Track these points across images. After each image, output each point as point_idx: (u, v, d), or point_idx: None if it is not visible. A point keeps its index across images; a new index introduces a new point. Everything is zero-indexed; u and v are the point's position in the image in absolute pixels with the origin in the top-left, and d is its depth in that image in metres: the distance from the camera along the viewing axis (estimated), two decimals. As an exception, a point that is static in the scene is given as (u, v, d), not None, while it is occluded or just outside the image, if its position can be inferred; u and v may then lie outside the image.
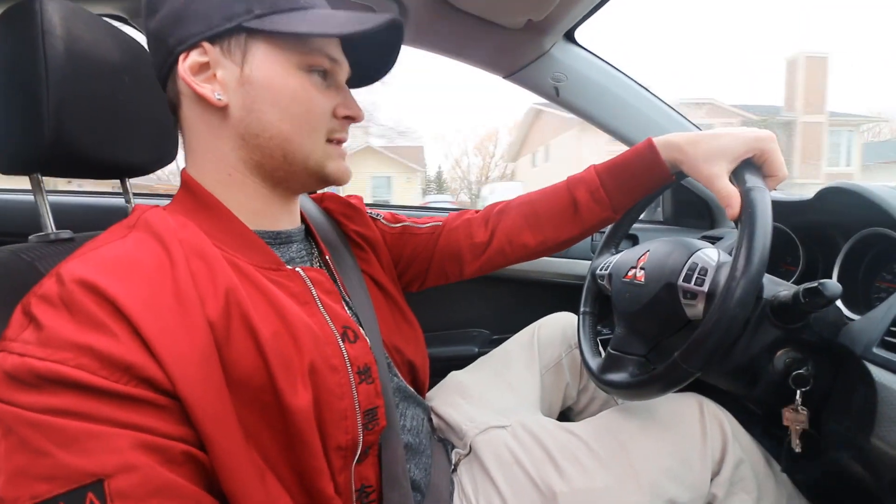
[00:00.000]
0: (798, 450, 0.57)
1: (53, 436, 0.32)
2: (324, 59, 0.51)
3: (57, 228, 0.60)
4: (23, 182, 0.61)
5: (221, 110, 0.48)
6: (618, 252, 0.80)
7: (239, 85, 0.48)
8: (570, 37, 1.01)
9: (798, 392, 0.55)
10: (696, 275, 0.58)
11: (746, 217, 0.53)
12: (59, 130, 0.52)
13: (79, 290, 0.36)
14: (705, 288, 0.56)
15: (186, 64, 0.47)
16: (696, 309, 0.58)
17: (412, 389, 0.67)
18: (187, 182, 0.51)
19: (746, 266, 0.49)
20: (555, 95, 1.06)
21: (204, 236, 0.46)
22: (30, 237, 0.58)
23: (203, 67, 0.48)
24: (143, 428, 0.34)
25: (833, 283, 0.49)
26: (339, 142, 0.55)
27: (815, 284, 0.50)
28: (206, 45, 0.47)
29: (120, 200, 0.75)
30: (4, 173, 0.58)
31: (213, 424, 0.38)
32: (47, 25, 0.52)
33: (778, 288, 0.57)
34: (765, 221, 0.51)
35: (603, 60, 1.06)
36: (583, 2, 0.86)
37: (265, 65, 0.48)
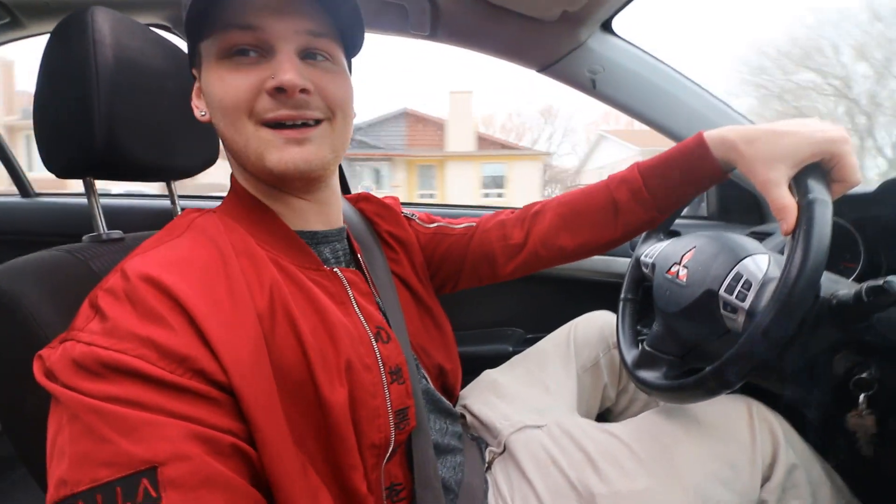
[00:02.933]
0: (869, 455, 0.53)
1: (115, 423, 0.33)
2: (238, 33, 0.45)
3: (108, 229, 0.63)
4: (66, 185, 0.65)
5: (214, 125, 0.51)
6: (665, 239, 0.77)
7: (205, 98, 0.51)
8: (607, 27, 0.98)
9: (862, 396, 0.51)
10: (739, 287, 0.55)
11: (801, 234, 0.47)
12: (110, 136, 0.55)
13: (142, 284, 0.38)
14: (746, 305, 0.53)
15: (193, 92, 0.53)
16: (735, 323, 0.55)
17: (438, 394, 0.67)
18: (234, 186, 0.54)
19: (789, 295, 0.45)
20: (591, 88, 1.03)
21: (250, 238, 0.48)
22: (83, 237, 0.61)
23: (199, 92, 0.52)
24: (195, 419, 0.36)
25: None
26: (278, 123, 0.47)
27: (880, 282, 0.46)
28: (194, 71, 0.52)
29: (165, 202, 0.78)
30: (59, 177, 0.62)
31: (262, 414, 0.39)
32: (98, 35, 0.54)
33: (837, 286, 0.53)
34: (820, 245, 0.45)
35: (642, 50, 1.02)
36: (620, -10, 0.83)
37: (204, 70, 0.49)
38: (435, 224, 0.76)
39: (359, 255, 0.62)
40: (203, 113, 0.51)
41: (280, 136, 0.47)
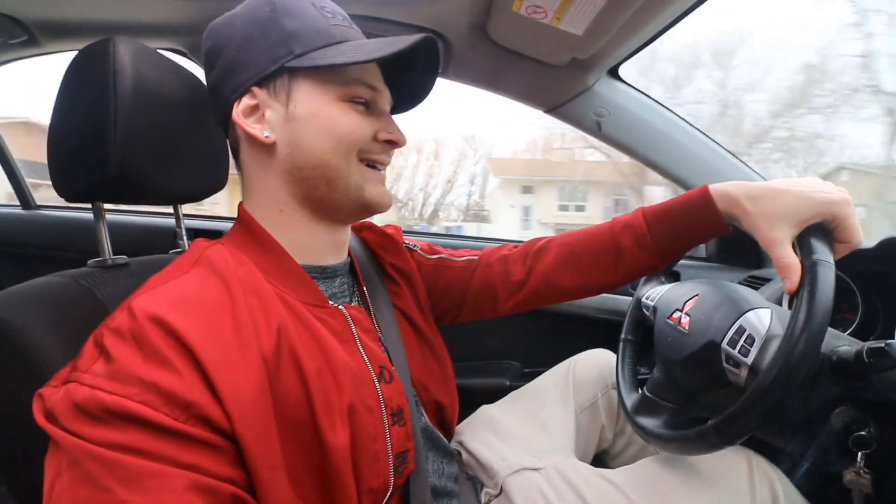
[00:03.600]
0: None
1: (116, 472, 0.33)
2: (363, 89, 0.53)
3: (112, 246, 0.62)
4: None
5: (270, 148, 0.51)
6: (666, 282, 0.78)
7: (285, 122, 0.50)
8: (614, 73, 1.01)
9: (860, 455, 0.51)
10: (741, 341, 0.55)
11: (804, 296, 0.48)
12: (123, 164, 0.55)
13: (149, 325, 0.38)
14: (749, 360, 0.53)
15: (239, 108, 0.51)
16: (737, 377, 0.55)
17: (437, 432, 0.66)
18: (243, 217, 0.54)
19: (792, 356, 0.45)
20: (597, 130, 1.06)
21: (259, 274, 0.48)
22: (88, 262, 0.61)
23: (253, 110, 0.51)
24: (198, 468, 0.35)
25: None
26: (379, 165, 0.55)
27: (881, 344, 0.47)
28: (254, 89, 0.50)
29: (170, 221, 0.78)
30: (68, 201, 0.62)
31: (263, 460, 0.39)
32: (119, 65, 0.55)
33: (838, 342, 0.54)
34: (823, 307, 0.46)
35: (647, 96, 1.05)
36: (629, 41, 0.86)
37: (308, 101, 0.50)
38: (437, 255, 0.76)
39: (364, 290, 0.62)
40: (268, 135, 0.50)
41: (378, 176, 0.56)
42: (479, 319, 0.77)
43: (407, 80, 0.60)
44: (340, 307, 0.54)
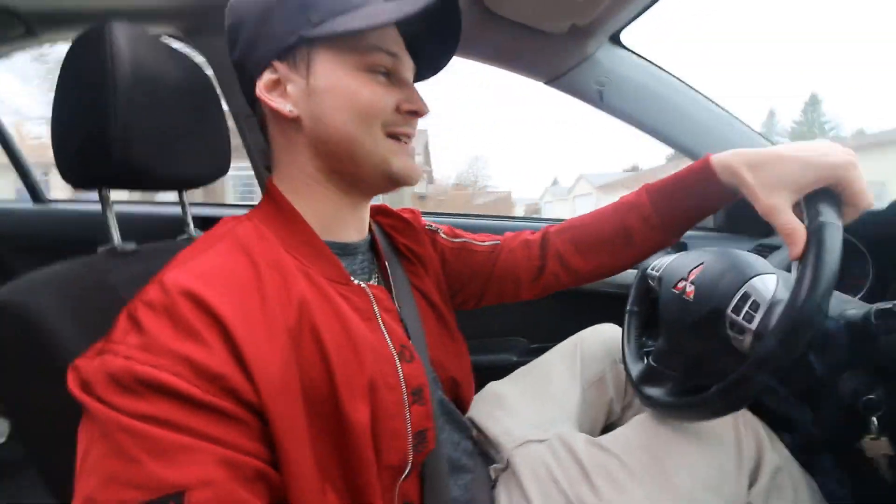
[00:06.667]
0: (892, 480, 0.53)
1: (146, 444, 0.33)
2: (383, 56, 0.51)
3: (121, 237, 0.63)
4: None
5: (295, 122, 0.51)
6: (672, 252, 0.77)
7: (307, 96, 0.50)
8: (615, 39, 0.98)
9: (873, 419, 0.50)
10: (746, 307, 0.54)
11: (810, 259, 0.46)
12: (126, 149, 0.56)
13: (181, 298, 0.38)
14: (754, 326, 0.52)
15: (262, 83, 0.50)
16: (742, 343, 0.55)
17: (453, 406, 0.67)
18: (271, 191, 0.54)
19: (796, 320, 0.45)
20: (598, 100, 1.03)
21: (280, 248, 0.49)
22: (98, 249, 0.62)
23: (276, 84, 0.50)
24: (223, 442, 0.36)
25: None
26: (404, 137, 0.54)
27: (889, 305, 0.46)
28: (276, 63, 0.50)
29: (176, 209, 0.79)
30: (75, 187, 0.63)
31: (288, 434, 0.39)
32: (116, 51, 0.55)
33: (846, 306, 0.53)
34: (829, 271, 0.45)
35: (651, 63, 1.02)
36: (629, 5, 0.83)
37: (328, 72, 0.50)
38: (460, 239, 0.76)
39: (385, 268, 0.62)
40: (290, 109, 0.50)
41: (405, 149, 0.54)
42: (499, 303, 0.79)
43: (429, 46, 0.58)
44: (363, 285, 0.54)
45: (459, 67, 0.88)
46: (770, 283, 0.55)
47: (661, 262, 0.75)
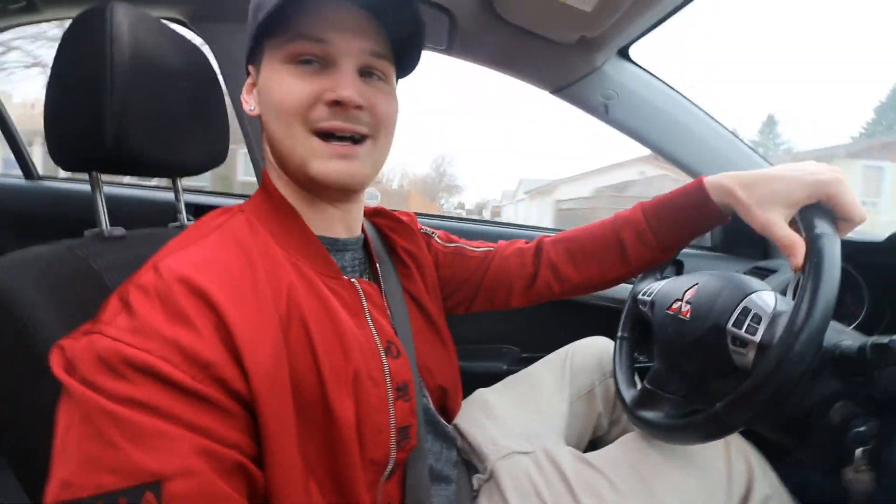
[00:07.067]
0: None
1: (127, 429, 0.33)
2: (307, 44, 0.47)
3: (109, 219, 0.62)
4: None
5: (260, 120, 0.53)
6: (662, 278, 0.76)
7: (258, 95, 0.52)
8: (624, 53, 0.98)
9: (860, 450, 0.50)
10: (748, 321, 0.54)
11: (812, 268, 0.48)
12: (121, 133, 0.54)
13: (175, 284, 0.38)
14: (758, 338, 0.52)
15: (245, 85, 0.54)
16: (745, 358, 0.54)
17: (438, 416, 0.66)
18: (265, 183, 0.54)
19: (806, 322, 0.45)
20: (604, 113, 1.03)
21: (270, 241, 0.48)
22: (85, 233, 0.60)
23: (252, 86, 0.54)
24: (207, 432, 0.35)
25: None
26: (328, 134, 0.48)
27: (885, 340, 0.45)
28: (250, 66, 0.53)
29: (168, 195, 0.78)
30: (65, 170, 0.61)
31: (276, 425, 0.39)
32: (116, 32, 0.54)
33: (841, 336, 0.52)
34: (832, 276, 0.46)
35: (659, 80, 1.02)
36: (640, 20, 0.83)
37: (264, 69, 0.50)
38: (454, 244, 0.77)
39: (376, 266, 0.62)
40: (252, 108, 0.53)
41: (328, 149, 0.48)
42: (490, 309, 0.79)
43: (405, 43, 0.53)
44: (353, 280, 0.54)
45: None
46: (769, 299, 0.55)
47: (651, 287, 0.74)
